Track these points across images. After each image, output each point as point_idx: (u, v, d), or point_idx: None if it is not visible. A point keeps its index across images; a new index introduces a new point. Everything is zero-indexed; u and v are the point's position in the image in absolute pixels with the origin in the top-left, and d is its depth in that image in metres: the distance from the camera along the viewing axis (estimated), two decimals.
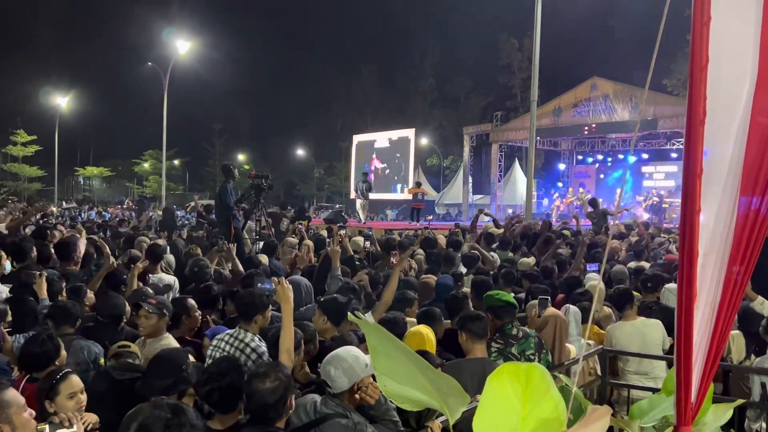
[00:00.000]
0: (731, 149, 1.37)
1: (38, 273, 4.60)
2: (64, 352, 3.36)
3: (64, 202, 38.63)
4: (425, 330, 4.16)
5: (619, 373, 5.04)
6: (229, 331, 3.79)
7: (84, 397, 2.84)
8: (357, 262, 7.40)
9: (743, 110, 1.34)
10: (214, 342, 3.75)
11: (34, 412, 2.38)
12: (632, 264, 8.16)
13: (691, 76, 1.29)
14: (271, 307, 3.95)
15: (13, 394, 2.29)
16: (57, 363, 3.20)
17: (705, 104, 1.30)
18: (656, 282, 6.15)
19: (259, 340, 3.67)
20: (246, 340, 3.62)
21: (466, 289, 6.04)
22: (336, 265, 5.31)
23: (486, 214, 12.65)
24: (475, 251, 8.06)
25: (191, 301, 4.52)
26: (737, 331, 4.97)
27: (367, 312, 4.52)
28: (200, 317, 4.56)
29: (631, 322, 5.13)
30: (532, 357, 4.10)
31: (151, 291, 4.89)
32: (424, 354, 3.39)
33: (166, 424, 1.86)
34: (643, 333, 5.03)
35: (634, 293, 5.59)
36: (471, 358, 3.80)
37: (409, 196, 21.98)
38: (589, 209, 14.63)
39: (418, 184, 22.00)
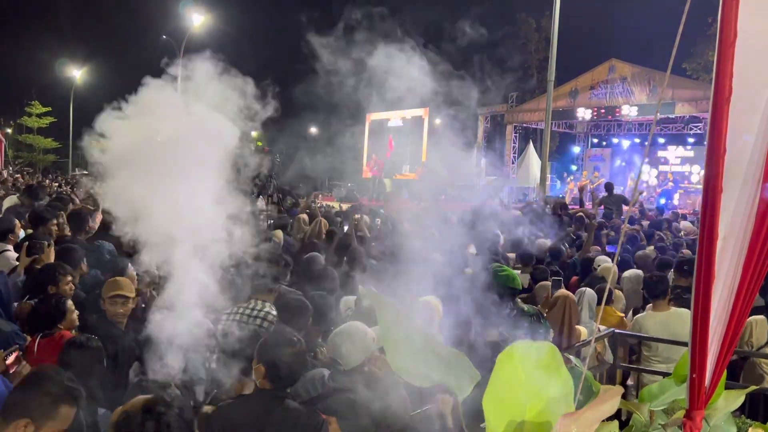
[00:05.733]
0: (756, 132, 1.32)
1: (46, 243, 4.63)
2: (73, 314, 3.40)
3: (77, 170, 39.03)
4: (433, 302, 4.11)
5: (643, 362, 4.85)
6: (242, 304, 3.72)
7: None
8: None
9: None
10: (226, 316, 3.65)
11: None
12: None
13: (718, 53, 1.24)
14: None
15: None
16: (64, 323, 3.28)
17: (731, 82, 1.26)
18: (692, 266, 5.96)
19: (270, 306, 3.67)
20: (274, 313, 3.62)
21: (469, 270, 5.99)
22: None
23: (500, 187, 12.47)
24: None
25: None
26: (761, 317, 4.78)
27: None
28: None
29: (661, 312, 4.87)
30: None
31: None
32: None
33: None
34: (674, 324, 4.74)
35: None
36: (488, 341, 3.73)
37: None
38: (604, 193, 14.24)
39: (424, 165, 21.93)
